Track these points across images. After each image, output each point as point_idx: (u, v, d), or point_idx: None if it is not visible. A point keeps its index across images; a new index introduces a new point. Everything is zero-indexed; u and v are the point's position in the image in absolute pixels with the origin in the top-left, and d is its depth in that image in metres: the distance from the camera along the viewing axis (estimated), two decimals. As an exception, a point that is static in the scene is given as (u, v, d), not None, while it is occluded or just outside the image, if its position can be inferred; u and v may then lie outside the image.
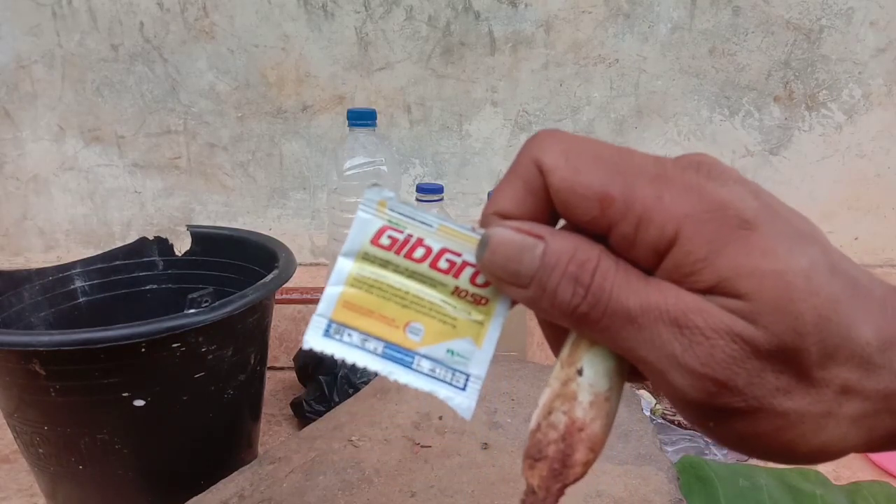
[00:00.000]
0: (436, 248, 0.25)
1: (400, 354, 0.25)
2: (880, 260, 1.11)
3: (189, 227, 0.85)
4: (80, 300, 0.79)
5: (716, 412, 0.20)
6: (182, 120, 1.08)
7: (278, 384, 0.98)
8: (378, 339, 0.25)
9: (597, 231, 0.21)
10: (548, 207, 0.22)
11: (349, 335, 0.25)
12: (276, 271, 0.70)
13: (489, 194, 0.92)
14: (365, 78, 1.05)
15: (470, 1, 1.01)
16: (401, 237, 0.25)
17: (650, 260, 0.20)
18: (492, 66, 1.04)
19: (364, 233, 0.25)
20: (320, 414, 0.76)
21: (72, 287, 0.79)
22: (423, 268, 0.25)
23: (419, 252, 0.25)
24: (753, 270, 0.19)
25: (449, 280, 0.25)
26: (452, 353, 0.25)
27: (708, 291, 0.19)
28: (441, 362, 0.25)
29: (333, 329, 0.25)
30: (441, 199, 0.92)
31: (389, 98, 1.06)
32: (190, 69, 1.05)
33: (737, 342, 0.19)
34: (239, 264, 0.80)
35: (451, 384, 0.25)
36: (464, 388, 0.25)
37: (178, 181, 1.11)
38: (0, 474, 0.80)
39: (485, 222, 0.23)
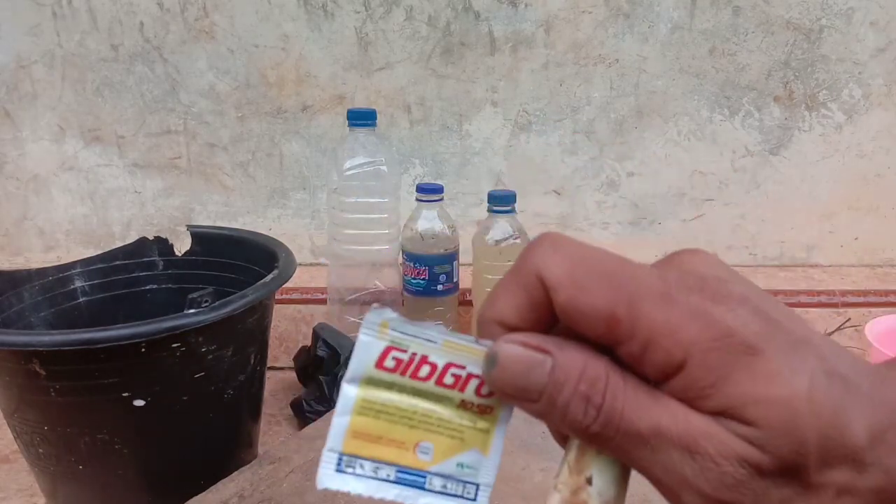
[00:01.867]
0: (440, 363, 0.25)
1: (412, 476, 0.25)
2: (880, 260, 1.11)
3: (189, 227, 0.85)
4: (80, 300, 0.79)
5: None
6: (182, 120, 1.08)
7: (278, 384, 0.98)
8: (389, 464, 0.25)
9: (603, 344, 0.21)
10: (550, 318, 0.22)
11: (361, 466, 0.25)
12: (276, 271, 0.70)
13: (489, 195, 0.92)
14: (365, 78, 1.05)
15: (470, 1, 1.01)
16: (405, 357, 0.25)
17: (658, 377, 0.21)
18: (492, 66, 1.04)
19: (368, 356, 0.25)
20: (320, 414, 0.76)
21: (72, 287, 0.79)
22: (430, 385, 0.25)
23: (424, 370, 0.25)
24: (759, 398, 0.20)
25: (455, 394, 0.25)
26: (462, 466, 0.25)
27: (717, 414, 0.20)
28: (452, 477, 0.25)
29: (345, 462, 0.25)
30: (441, 199, 0.92)
31: (389, 98, 1.06)
32: (190, 69, 1.05)
33: (745, 467, 0.20)
34: (239, 264, 0.80)
35: (462, 497, 0.25)
36: (475, 499, 0.25)
37: (178, 181, 1.11)
38: (0, 474, 0.80)
39: (485, 330, 0.24)
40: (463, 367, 0.25)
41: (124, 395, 0.61)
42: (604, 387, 0.21)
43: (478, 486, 0.25)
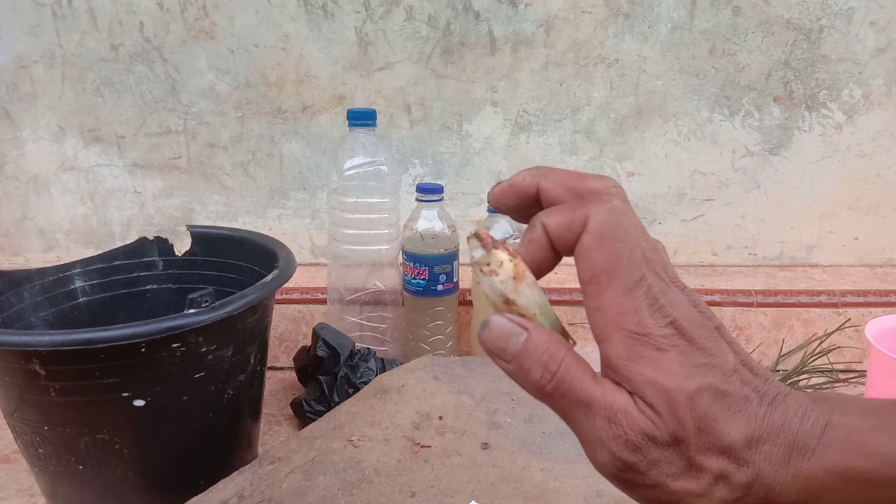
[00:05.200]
0: None
1: None
2: (880, 260, 1.11)
3: (189, 227, 0.85)
4: (80, 300, 0.79)
5: (624, 483, 0.28)
6: (182, 120, 1.08)
7: (278, 384, 0.98)
8: None
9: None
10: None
11: None
12: (276, 271, 0.70)
13: (489, 195, 0.92)
14: (365, 78, 1.05)
15: (470, 1, 1.01)
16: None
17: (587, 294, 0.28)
18: (492, 66, 1.04)
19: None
20: (320, 414, 0.76)
21: (72, 287, 0.79)
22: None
23: None
24: (653, 383, 0.26)
25: None
26: None
27: (632, 392, 0.27)
28: None
29: None
30: (441, 199, 0.92)
31: (389, 98, 1.06)
32: (190, 69, 1.05)
33: (644, 439, 0.27)
34: (239, 264, 0.80)
35: None
36: None
37: (178, 181, 1.11)
38: (0, 474, 0.80)
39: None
40: None
41: (124, 395, 0.61)
42: (560, 361, 0.27)
43: None
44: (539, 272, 0.29)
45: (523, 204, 0.30)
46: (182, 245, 0.84)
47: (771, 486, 0.27)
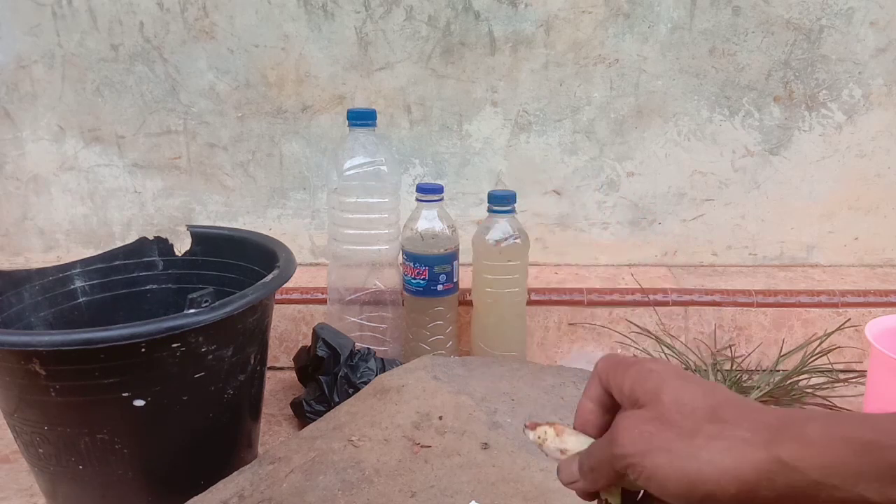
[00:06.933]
0: None
1: None
2: (880, 260, 1.11)
3: (189, 227, 0.85)
4: (80, 300, 0.79)
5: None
6: (182, 120, 1.08)
7: (278, 384, 0.98)
8: None
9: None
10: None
11: None
12: (276, 271, 0.70)
13: (489, 195, 0.92)
14: (365, 78, 1.05)
15: (470, 1, 1.01)
16: None
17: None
18: (492, 66, 1.04)
19: None
20: (320, 414, 0.76)
21: (72, 287, 0.79)
22: None
23: None
24: (626, 426, 0.32)
25: None
26: None
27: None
28: None
29: None
30: (441, 199, 0.92)
31: (389, 98, 1.06)
32: (190, 69, 1.05)
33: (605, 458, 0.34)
34: (239, 264, 0.80)
35: None
36: None
37: (178, 181, 1.11)
38: (0, 474, 0.80)
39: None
40: None
41: (124, 395, 0.61)
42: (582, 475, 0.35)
43: None
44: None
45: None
46: (182, 245, 0.84)
47: None
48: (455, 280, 0.93)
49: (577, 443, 0.37)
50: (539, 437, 0.38)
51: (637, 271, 1.08)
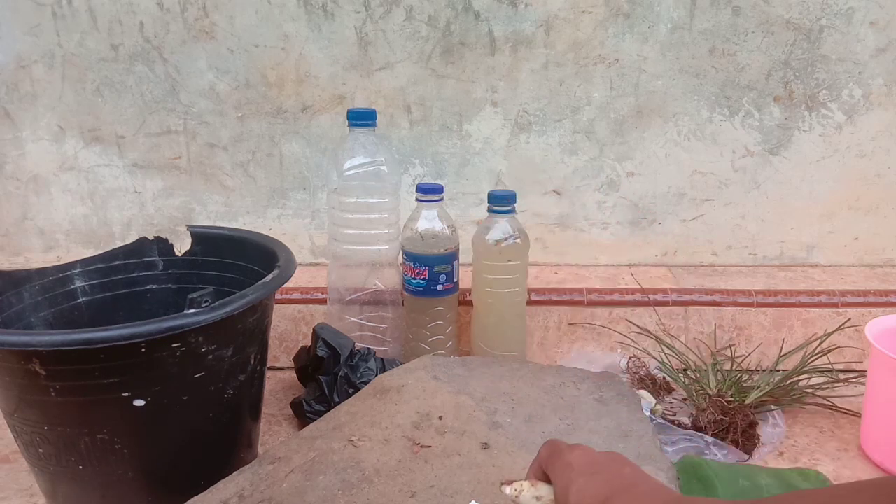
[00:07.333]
0: None
1: None
2: (880, 260, 1.11)
3: (189, 227, 0.85)
4: (80, 300, 0.79)
5: None
6: (182, 120, 1.08)
7: (278, 384, 0.98)
8: None
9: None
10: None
11: None
12: (276, 271, 0.70)
13: (489, 195, 0.92)
14: (365, 78, 1.05)
15: (470, 1, 1.01)
16: None
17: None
18: (492, 66, 1.04)
19: None
20: (320, 414, 0.76)
21: (72, 287, 0.79)
22: None
23: None
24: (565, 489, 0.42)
25: None
26: None
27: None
28: None
29: None
30: (441, 199, 0.92)
31: (389, 98, 1.06)
32: (190, 69, 1.05)
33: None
34: (239, 264, 0.80)
35: None
36: None
37: (178, 181, 1.11)
38: (0, 474, 0.80)
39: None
40: None
41: (124, 395, 0.61)
42: None
43: None
44: None
45: None
46: (182, 245, 0.84)
47: None
48: (455, 280, 0.93)
49: (550, 490, 0.44)
50: (515, 490, 0.45)
51: (637, 271, 1.08)
